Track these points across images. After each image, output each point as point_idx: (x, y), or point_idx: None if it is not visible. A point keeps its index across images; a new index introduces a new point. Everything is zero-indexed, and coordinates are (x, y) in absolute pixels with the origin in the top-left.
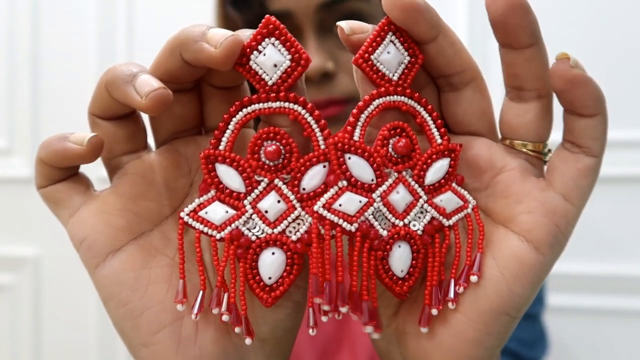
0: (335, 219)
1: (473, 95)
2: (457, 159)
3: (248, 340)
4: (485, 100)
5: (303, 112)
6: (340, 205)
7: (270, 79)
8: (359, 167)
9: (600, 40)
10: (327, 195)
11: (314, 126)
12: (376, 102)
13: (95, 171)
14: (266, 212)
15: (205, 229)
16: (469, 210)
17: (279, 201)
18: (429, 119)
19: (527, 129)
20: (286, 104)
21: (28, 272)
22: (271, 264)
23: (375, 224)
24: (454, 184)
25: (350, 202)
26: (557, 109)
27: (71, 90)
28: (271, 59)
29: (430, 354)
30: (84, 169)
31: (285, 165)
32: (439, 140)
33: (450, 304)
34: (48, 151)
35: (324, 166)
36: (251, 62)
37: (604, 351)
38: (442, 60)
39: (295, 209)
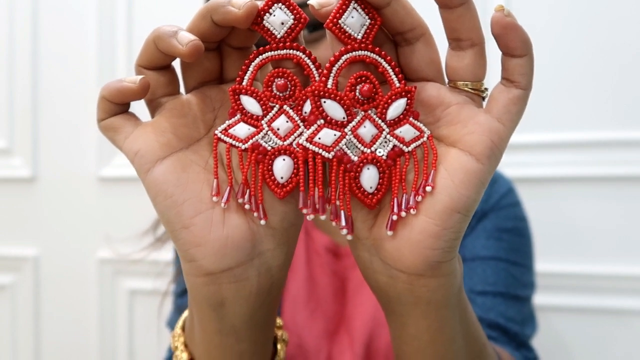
0: (316, 149)
1: (424, 48)
2: (413, 98)
3: (262, 221)
4: (433, 51)
5: (304, 56)
6: (319, 138)
7: (279, 33)
8: (333, 108)
9: (602, 42)
10: (308, 132)
11: (312, 67)
12: (344, 57)
13: (96, 171)
14: (278, 129)
15: (234, 142)
16: (425, 138)
17: (287, 121)
18: (388, 67)
19: (466, 71)
20: (291, 51)
21: (28, 272)
22: (282, 167)
23: (348, 152)
24: (411, 119)
25: (327, 135)
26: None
27: (71, 91)
28: (279, 19)
29: (402, 251)
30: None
31: (291, 95)
32: (397, 84)
33: (411, 211)
34: (109, 89)
35: None
36: (264, 22)
37: (603, 351)
38: (396, 21)
39: (300, 127)
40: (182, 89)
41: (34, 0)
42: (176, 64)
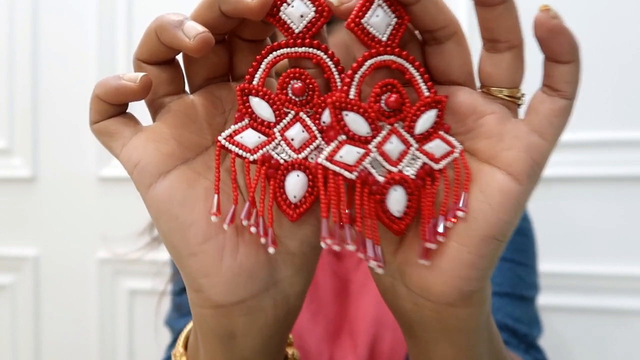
0: (337, 169)
1: (455, 47)
2: (444, 109)
3: (271, 249)
4: (465, 52)
5: (324, 57)
6: (340, 156)
7: (297, 27)
8: (356, 122)
9: (602, 42)
10: (328, 149)
11: (333, 70)
12: (368, 63)
13: (96, 171)
14: (292, 139)
15: (240, 152)
16: (456, 154)
17: (303, 131)
18: (416, 74)
19: (502, 76)
20: (310, 50)
21: (28, 272)
22: (295, 184)
23: (373, 171)
24: (441, 132)
25: (349, 153)
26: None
27: (71, 91)
28: (298, 10)
29: (431, 280)
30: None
31: (308, 101)
32: (427, 93)
33: (440, 238)
34: (104, 88)
35: None
36: (281, 13)
37: (603, 351)
38: (427, 18)
39: (317, 138)
40: (186, 87)
41: (34, 0)
42: (179, 57)
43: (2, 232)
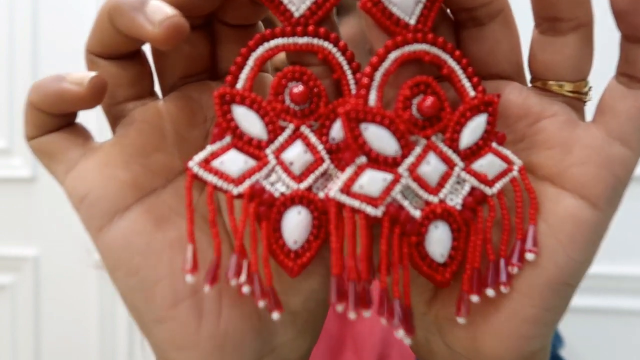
0: (357, 204)
1: (501, 30)
2: (497, 113)
3: (275, 315)
4: (514, 36)
5: (334, 50)
6: (361, 186)
7: (297, 9)
8: (379, 138)
9: (602, 42)
10: (344, 176)
11: (346, 67)
12: (393, 55)
13: None
14: (291, 163)
15: (220, 183)
16: (515, 172)
17: (305, 151)
18: (457, 68)
19: (566, 66)
20: (315, 40)
21: (28, 272)
22: (297, 225)
23: (405, 203)
24: (494, 144)
25: (372, 181)
26: None
27: None
28: None
29: (481, 340)
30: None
31: (312, 111)
32: (472, 93)
33: (502, 288)
34: (42, 93)
35: None
36: None
37: (604, 351)
38: None
39: (324, 161)
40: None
41: (34, 0)
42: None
43: (2, 232)
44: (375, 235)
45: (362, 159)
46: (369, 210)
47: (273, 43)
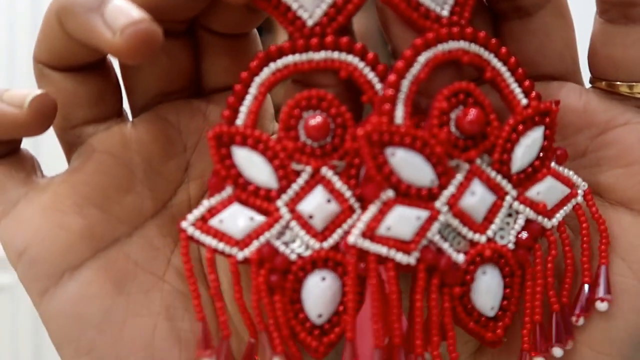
0: (384, 251)
1: (552, 21)
2: (555, 125)
3: None
4: (568, 28)
5: (361, 65)
6: (388, 228)
7: (311, 16)
8: (411, 166)
9: None
10: (366, 217)
11: (378, 87)
12: (423, 58)
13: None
14: (311, 217)
15: (221, 245)
16: (579, 199)
17: (329, 201)
18: (504, 69)
19: (638, 61)
20: (336, 55)
21: None
22: (321, 294)
23: (445, 246)
24: (553, 164)
25: (403, 220)
26: None
27: None
28: None
29: None
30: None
31: (336, 147)
32: (524, 101)
33: (569, 343)
34: None
35: None
36: None
37: None
38: None
39: (354, 211)
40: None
41: (34, 0)
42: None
43: None
44: (404, 289)
45: (389, 193)
46: (400, 257)
47: (281, 63)
